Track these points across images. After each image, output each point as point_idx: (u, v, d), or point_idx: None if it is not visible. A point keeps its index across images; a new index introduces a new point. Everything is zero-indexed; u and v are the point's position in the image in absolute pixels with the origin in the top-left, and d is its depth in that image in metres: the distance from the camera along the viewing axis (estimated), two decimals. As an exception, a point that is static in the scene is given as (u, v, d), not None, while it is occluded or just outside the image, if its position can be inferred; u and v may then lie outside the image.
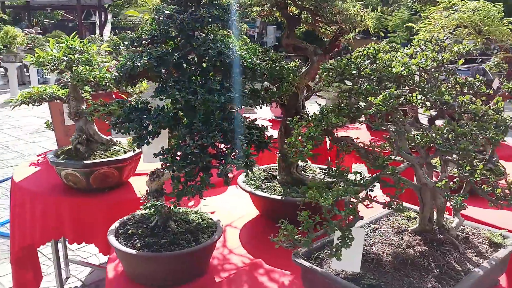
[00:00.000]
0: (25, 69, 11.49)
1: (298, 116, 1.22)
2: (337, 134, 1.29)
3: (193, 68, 1.10)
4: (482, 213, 1.88)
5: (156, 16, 1.11)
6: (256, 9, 1.80)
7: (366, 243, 1.29)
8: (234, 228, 1.72)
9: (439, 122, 1.34)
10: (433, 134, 1.05)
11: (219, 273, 1.38)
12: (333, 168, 1.17)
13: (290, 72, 1.59)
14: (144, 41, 1.12)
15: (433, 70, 1.14)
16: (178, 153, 1.05)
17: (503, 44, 2.11)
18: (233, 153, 1.04)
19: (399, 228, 1.35)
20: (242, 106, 1.15)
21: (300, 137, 1.04)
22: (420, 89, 1.10)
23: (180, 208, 1.49)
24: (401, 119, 1.09)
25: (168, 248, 1.26)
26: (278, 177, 1.79)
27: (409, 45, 1.31)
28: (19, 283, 2.37)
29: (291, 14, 1.79)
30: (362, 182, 1.09)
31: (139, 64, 1.04)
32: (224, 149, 1.06)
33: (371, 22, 1.76)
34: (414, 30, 2.24)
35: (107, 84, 1.76)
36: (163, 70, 1.08)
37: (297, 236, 0.95)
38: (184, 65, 1.09)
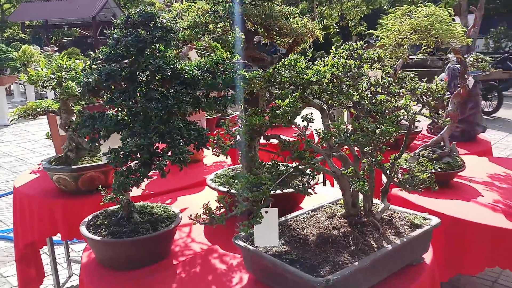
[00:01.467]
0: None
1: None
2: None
3: (138, 81, 1.31)
4: (438, 203, 2.05)
5: (108, 40, 1.33)
6: (221, 25, 2.01)
7: (299, 226, 1.48)
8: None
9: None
10: (334, 129, 1.23)
11: (177, 258, 1.59)
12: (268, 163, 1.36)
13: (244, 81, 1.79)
14: (99, 60, 1.34)
15: (341, 75, 1.32)
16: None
17: (454, 46, 2.28)
18: (170, 151, 1.24)
19: (331, 214, 1.54)
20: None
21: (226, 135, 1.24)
22: (327, 92, 1.29)
23: (146, 203, 1.71)
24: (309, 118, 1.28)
25: (129, 235, 1.47)
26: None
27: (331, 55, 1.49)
28: (23, 280, 2.62)
29: (248, 28, 2.00)
30: (284, 172, 1.28)
31: (90, 80, 1.26)
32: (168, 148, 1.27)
33: (319, 33, 1.96)
34: (374, 37, 2.41)
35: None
36: (113, 84, 1.30)
37: (213, 215, 1.15)
38: (132, 78, 1.30)
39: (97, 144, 1.27)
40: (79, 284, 1.59)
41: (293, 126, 1.32)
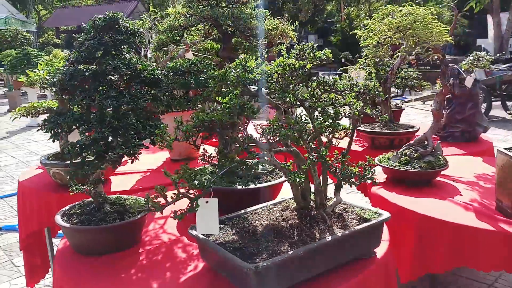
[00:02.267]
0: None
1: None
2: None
3: (101, 81, 1.43)
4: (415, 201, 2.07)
5: (74, 43, 1.46)
6: (201, 27, 2.11)
7: (254, 218, 1.56)
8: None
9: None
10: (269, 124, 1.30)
11: (145, 246, 1.70)
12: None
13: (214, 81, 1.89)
14: (71, 62, 1.47)
15: (287, 74, 1.38)
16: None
17: (435, 45, 2.28)
18: (123, 144, 1.36)
19: (286, 207, 1.60)
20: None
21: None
22: (271, 90, 1.36)
23: (121, 196, 1.83)
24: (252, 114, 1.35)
25: (96, 223, 1.59)
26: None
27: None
28: (29, 268, 2.81)
29: (225, 31, 2.09)
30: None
31: (55, 80, 1.39)
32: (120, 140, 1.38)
33: (293, 34, 2.03)
34: (357, 36, 2.45)
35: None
36: (79, 83, 1.43)
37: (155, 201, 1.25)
38: (95, 79, 1.42)
39: (58, 138, 1.40)
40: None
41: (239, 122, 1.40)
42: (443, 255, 1.88)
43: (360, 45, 2.47)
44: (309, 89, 1.45)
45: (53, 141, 1.45)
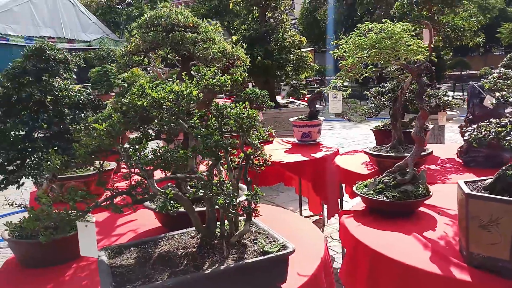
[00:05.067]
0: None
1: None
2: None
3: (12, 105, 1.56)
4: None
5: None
6: (160, 52, 2.19)
7: (162, 244, 1.56)
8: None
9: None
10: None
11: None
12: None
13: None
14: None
15: (172, 101, 1.36)
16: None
17: (406, 64, 2.10)
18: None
19: (196, 234, 1.58)
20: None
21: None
22: (158, 118, 1.36)
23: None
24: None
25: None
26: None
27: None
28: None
29: (184, 55, 2.14)
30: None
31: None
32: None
33: (245, 57, 2.01)
34: (334, 56, 2.34)
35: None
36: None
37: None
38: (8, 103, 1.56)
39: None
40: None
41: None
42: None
43: (339, 65, 2.35)
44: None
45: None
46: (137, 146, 1.25)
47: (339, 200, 3.77)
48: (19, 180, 1.51)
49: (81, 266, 1.72)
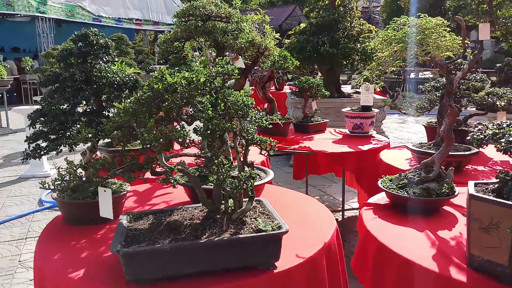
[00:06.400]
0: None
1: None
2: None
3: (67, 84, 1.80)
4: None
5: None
6: (201, 40, 2.35)
7: (174, 214, 1.74)
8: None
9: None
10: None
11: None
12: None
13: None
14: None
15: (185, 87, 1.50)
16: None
17: (437, 59, 2.04)
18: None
19: (204, 209, 1.73)
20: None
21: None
22: (169, 101, 1.50)
23: (112, 180, 2.20)
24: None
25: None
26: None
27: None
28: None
29: (219, 44, 2.28)
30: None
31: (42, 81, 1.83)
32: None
33: (273, 48, 2.10)
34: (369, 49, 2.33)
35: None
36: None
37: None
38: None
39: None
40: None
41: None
42: (390, 285, 1.73)
43: (374, 57, 2.35)
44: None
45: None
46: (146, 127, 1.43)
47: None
48: (58, 147, 1.77)
49: (113, 227, 1.97)
